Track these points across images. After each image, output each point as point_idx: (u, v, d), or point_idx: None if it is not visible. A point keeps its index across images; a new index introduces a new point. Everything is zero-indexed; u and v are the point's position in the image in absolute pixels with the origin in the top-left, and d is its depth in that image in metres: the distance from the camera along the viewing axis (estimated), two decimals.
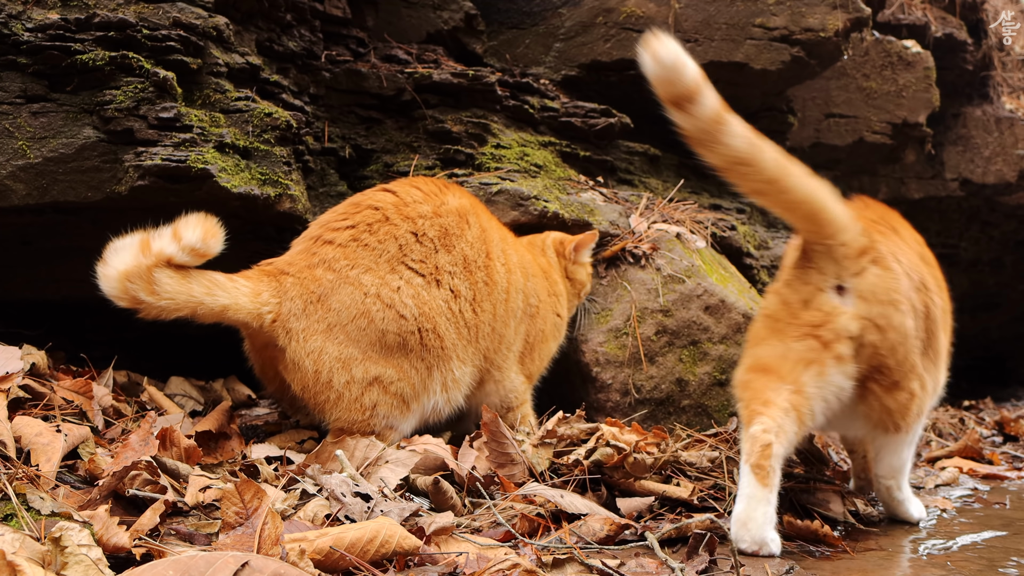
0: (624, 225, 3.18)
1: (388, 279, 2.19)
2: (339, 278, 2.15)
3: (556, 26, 3.77)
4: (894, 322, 1.83)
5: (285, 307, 2.10)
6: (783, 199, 1.82)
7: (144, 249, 1.95)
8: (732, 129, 1.73)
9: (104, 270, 1.96)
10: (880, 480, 2.11)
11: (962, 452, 3.21)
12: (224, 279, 2.07)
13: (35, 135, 2.32)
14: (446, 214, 2.35)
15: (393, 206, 2.30)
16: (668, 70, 1.69)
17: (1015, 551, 1.88)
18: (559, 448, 2.16)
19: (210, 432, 2.21)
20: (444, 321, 2.25)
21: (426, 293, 2.22)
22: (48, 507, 1.43)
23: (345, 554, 1.39)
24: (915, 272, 1.98)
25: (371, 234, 2.23)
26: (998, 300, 6.20)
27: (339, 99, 3.23)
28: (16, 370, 1.94)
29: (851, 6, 3.73)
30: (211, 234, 2.01)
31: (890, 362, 1.84)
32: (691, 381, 2.89)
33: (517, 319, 2.54)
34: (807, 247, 1.87)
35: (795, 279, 1.90)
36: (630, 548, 1.69)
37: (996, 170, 5.31)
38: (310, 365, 2.10)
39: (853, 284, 1.83)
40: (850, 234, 1.84)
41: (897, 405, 1.88)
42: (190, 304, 1.99)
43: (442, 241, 2.31)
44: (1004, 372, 6.82)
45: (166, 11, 2.49)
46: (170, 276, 1.97)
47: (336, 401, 2.12)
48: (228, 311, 2.04)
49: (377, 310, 2.14)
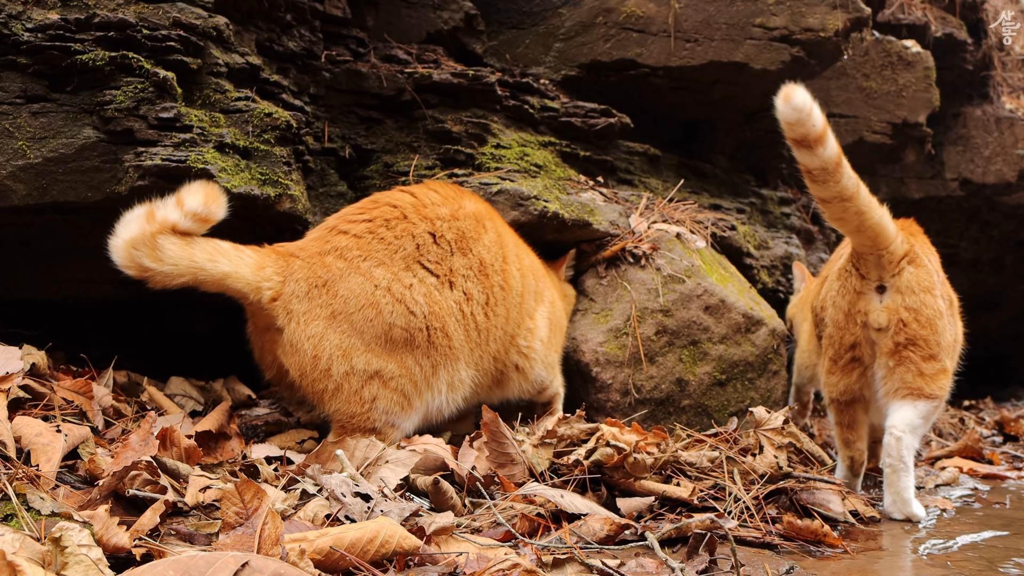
0: (624, 225, 3.18)
1: (401, 275, 2.20)
2: (350, 267, 2.15)
3: (556, 26, 3.77)
4: (928, 303, 2.22)
5: (288, 287, 2.11)
6: (862, 224, 2.20)
7: (149, 218, 2.00)
8: (846, 171, 2.14)
9: (113, 241, 2.01)
10: (892, 431, 2.18)
11: (962, 452, 3.21)
12: (229, 247, 2.09)
13: (35, 135, 2.32)
14: (464, 218, 2.37)
15: (412, 206, 2.32)
16: (800, 113, 2.07)
17: (1015, 551, 1.88)
18: (559, 448, 2.16)
19: (210, 432, 2.20)
20: (454, 323, 2.25)
21: (438, 293, 2.23)
22: (48, 507, 1.43)
23: (345, 554, 1.39)
24: (940, 271, 2.37)
25: (388, 229, 2.24)
26: (998, 300, 6.20)
27: (339, 99, 3.23)
28: (16, 370, 1.94)
29: (851, 6, 3.73)
30: (212, 199, 2.06)
31: (928, 336, 2.20)
32: (691, 381, 2.89)
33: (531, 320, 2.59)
34: (859, 256, 2.28)
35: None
36: (630, 548, 1.69)
37: (996, 170, 5.31)
38: (309, 349, 2.09)
39: (892, 282, 2.25)
40: (896, 243, 2.25)
41: (932, 371, 2.19)
42: (192, 269, 2.02)
43: (459, 244, 2.32)
44: (1004, 372, 6.82)
45: (166, 11, 2.49)
46: (173, 243, 2.00)
47: (335, 392, 2.11)
48: (228, 279, 2.06)
49: (387, 303, 2.14)
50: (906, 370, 2.20)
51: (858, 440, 2.37)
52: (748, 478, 2.13)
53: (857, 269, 2.29)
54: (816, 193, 2.19)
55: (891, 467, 2.17)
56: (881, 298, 2.25)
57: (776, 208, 4.39)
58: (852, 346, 2.29)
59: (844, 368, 2.32)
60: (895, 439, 2.16)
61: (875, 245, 2.23)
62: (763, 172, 4.49)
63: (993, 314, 6.26)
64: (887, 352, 2.22)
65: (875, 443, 2.65)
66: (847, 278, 2.32)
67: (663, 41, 3.70)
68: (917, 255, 2.27)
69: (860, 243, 2.26)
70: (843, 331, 2.30)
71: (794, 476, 2.15)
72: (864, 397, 2.34)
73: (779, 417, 2.41)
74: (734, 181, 4.21)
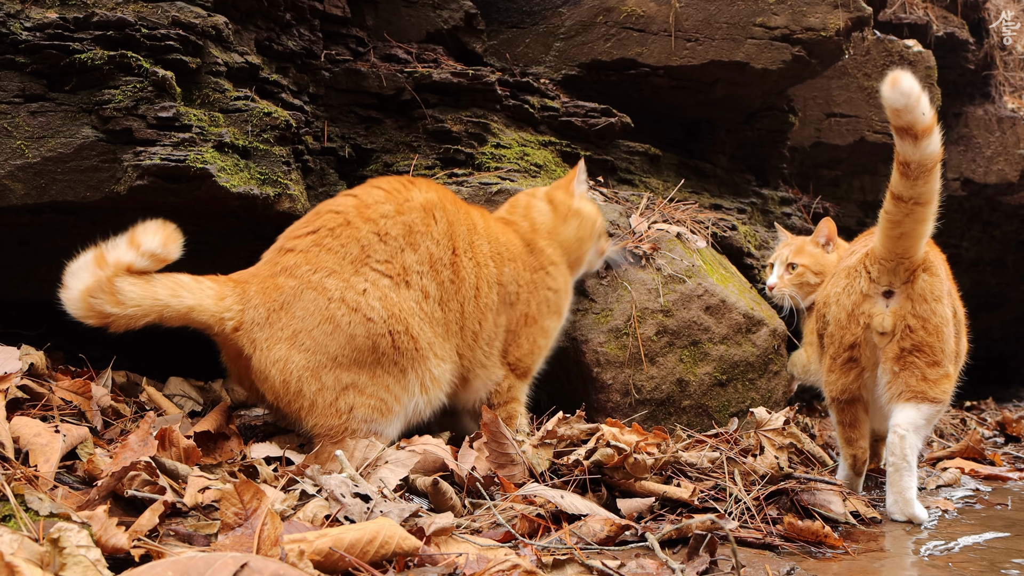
0: (624, 225, 3.17)
1: (353, 281, 2.13)
2: (301, 283, 2.10)
3: (556, 25, 3.77)
4: (938, 312, 2.20)
5: (248, 316, 2.07)
6: (912, 232, 2.14)
7: (100, 263, 1.93)
8: (938, 173, 2.05)
9: (66, 294, 1.92)
10: (896, 429, 2.17)
11: (964, 453, 3.20)
12: (190, 280, 2.05)
13: (33, 135, 2.32)
14: (409, 211, 2.28)
15: (354, 208, 2.24)
16: (908, 99, 1.95)
17: (1017, 552, 1.87)
18: (559, 448, 2.15)
19: (209, 432, 2.20)
20: (417, 321, 2.20)
21: (395, 294, 2.17)
22: (46, 508, 1.42)
23: (345, 555, 1.38)
24: (949, 278, 2.39)
25: (333, 238, 2.18)
26: (1000, 300, 6.19)
27: (339, 99, 3.22)
28: (14, 370, 1.94)
29: (852, 5, 3.72)
30: (172, 239, 2.00)
31: (934, 343, 2.19)
32: (692, 381, 2.88)
33: (495, 312, 2.45)
34: (877, 260, 2.24)
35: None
36: (630, 549, 1.68)
37: (998, 170, 5.30)
38: (277, 374, 2.06)
39: (902, 289, 2.22)
40: (920, 254, 2.22)
41: (936, 376, 2.19)
42: (156, 308, 1.97)
43: (407, 239, 2.24)
44: (1006, 372, 6.81)
45: (165, 10, 2.49)
46: (133, 283, 1.95)
47: (311, 408, 2.09)
48: (193, 312, 2.02)
49: (343, 315, 2.09)
50: (911, 375, 2.19)
51: (861, 438, 2.36)
52: (749, 479, 2.12)
53: (868, 272, 2.27)
54: (899, 189, 2.07)
55: (894, 466, 2.16)
56: (888, 303, 2.23)
57: (777, 208, 4.38)
58: (851, 346, 2.29)
59: (842, 367, 2.31)
60: (899, 437, 2.15)
61: (904, 254, 2.18)
62: (764, 172, 4.49)
63: (995, 314, 6.25)
64: (892, 357, 2.21)
65: (876, 442, 2.64)
66: (855, 279, 2.30)
67: (664, 40, 3.69)
68: (931, 263, 2.24)
69: (892, 248, 2.19)
70: (844, 330, 2.30)
71: (795, 477, 2.15)
72: (863, 398, 2.33)
73: (780, 418, 2.40)
74: (735, 181, 4.20)
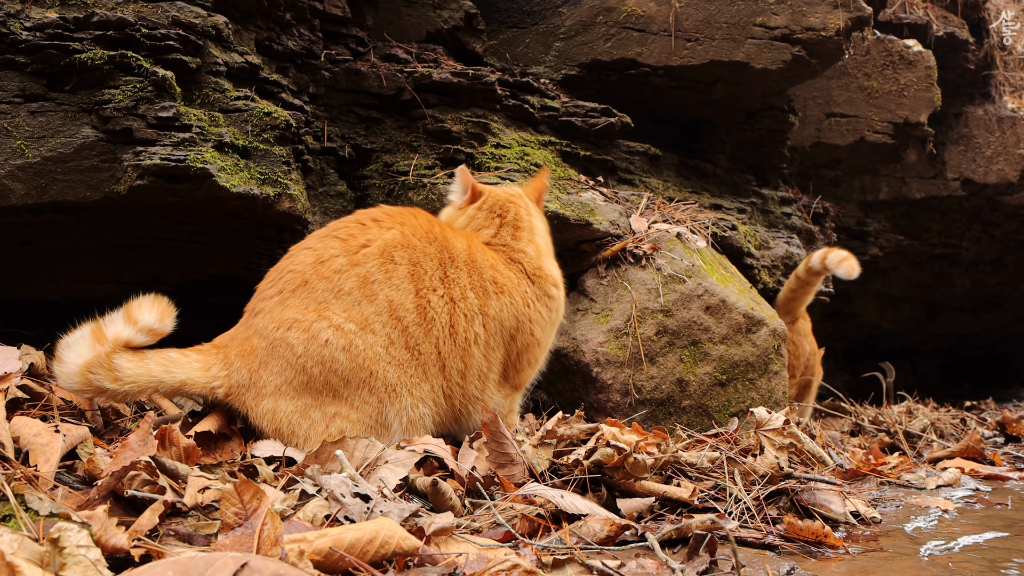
0: (624, 225, 3.17)
1: (315, 330, 2.14)
2: (271, 343, 2.15)
3: (556, 25, 3.77)
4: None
5: (233, 379, 2.13)
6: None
7: (99, 338, 1.95)
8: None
9: (61, 368, 1.93)
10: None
11: (963, 453, 3.20)
12: (178, 355, 2.08)
13: (33, 134, 2.32)
14: (365, 260, 2.24)
15: (311, 266, 2.24)
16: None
17: (1017, 552, 1.87)
18: (559, 448, 2.15)
19: (209, 432, 2.19)
20: (384, 366, 2.19)
21: (360, 340, 2.17)
22: (46, 508, 1.42)
23: (344, 555, 1.38)
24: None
25: (294, 297, 2.21)
26: (1000, 300, 6.19)
27: (339, 98, 3.22)
28: (14, 370, 1.94)
29: (852, 5, 3.72)
30: (167, 313, 2.04)
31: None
32: (692, 381, 2.88)
33: (482, 346, 2.36)
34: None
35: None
36: (630, 549, 1.68)
37: (998, 170, 5.30)
38: (269, 425, 2.13)
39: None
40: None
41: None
42: (152, 384, 2.00)
43: (363, 291, 2.21)
44: (1006, 372, 6.81)
45: (165, 10, 2.49)
46: (129, 360, 1.98)
47: (306, 440, 2.16)
48: (186, 385, 2.07)
49: (312, 366, 2.14)
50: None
51: None
52: (749, 479, 2.12)
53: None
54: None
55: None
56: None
57: (777, 208, 4.38)
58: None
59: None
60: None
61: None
62: (764, 172, 4.49)
63: (995, 314, 6.25)
64: None
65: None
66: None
67: (664, 40, 3.69)
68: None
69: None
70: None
71: (795, 477, 2.15)
72: None
73: (780, 417, 2.40)
74: (735, 181, 4.20)
